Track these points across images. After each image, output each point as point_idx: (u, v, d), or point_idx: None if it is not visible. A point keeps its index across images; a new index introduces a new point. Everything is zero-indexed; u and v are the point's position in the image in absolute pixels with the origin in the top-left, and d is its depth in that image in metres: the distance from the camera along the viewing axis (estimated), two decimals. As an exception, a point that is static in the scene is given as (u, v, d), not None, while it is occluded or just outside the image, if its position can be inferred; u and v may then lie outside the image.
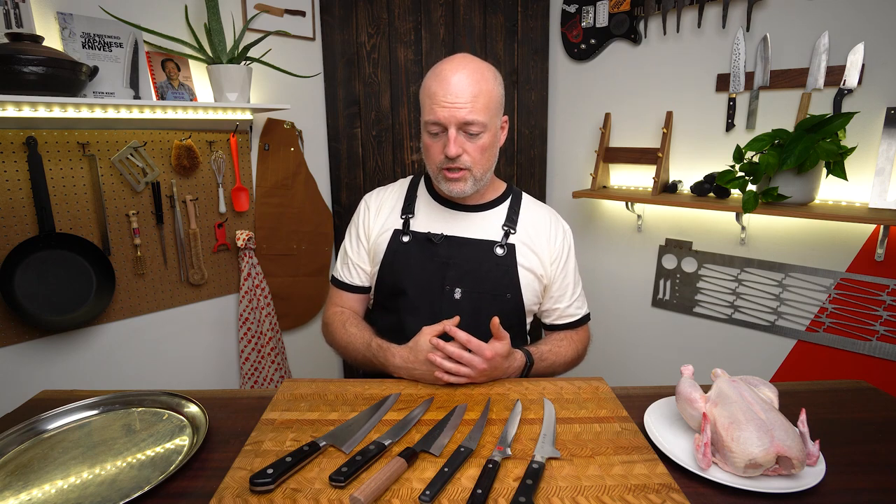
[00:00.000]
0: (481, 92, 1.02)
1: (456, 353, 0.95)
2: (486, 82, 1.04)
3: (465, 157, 1.05)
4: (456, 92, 1.00)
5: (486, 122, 1.03)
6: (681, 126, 1.96)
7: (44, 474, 0.75)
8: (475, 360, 0.95)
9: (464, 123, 1.02)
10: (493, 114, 1.06)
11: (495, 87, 1.06)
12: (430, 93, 1.04)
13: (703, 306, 1.99)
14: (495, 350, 0.96)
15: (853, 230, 1.63)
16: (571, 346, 1.18)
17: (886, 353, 1.61)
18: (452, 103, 1.01)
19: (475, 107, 1.01)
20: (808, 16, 1.64)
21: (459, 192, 1.09)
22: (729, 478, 0.71)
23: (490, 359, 0.95)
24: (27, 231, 1.46)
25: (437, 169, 1.09)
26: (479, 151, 1.05)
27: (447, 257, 1.11)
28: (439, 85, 1.02)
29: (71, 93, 1.37)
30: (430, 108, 1.03)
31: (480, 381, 0.98)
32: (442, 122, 1.02)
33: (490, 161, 1.09)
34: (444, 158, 1.05)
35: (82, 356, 1.62)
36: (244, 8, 1.85)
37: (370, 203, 1.23)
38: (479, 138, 1.04)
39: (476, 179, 1.08)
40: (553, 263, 1.17)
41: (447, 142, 1.03)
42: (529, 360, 1.07)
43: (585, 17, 2.11)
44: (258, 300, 1.96)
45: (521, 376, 1.06)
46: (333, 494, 0.68)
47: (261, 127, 1.95)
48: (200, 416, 0.87)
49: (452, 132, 1.02)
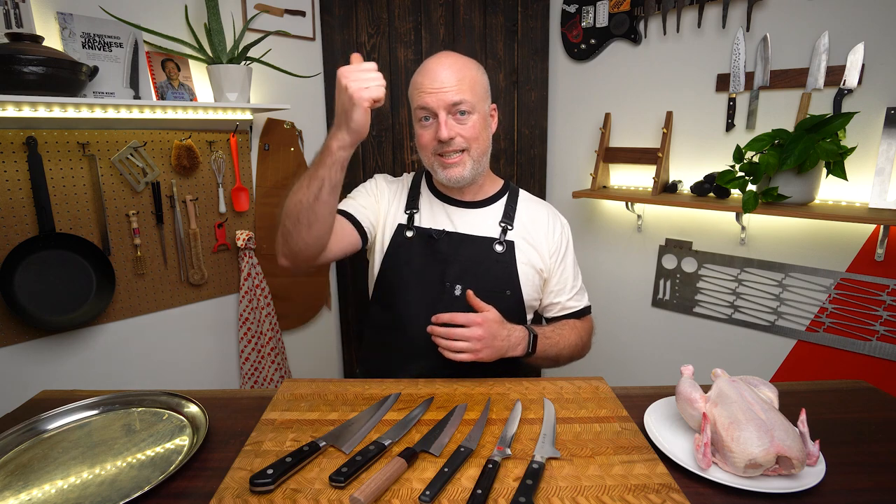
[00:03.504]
0: (465, 77, 1.05)
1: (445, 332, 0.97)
2: (469, 70, 1.07)
3: (458, 138, 1.06)
4: (441, 79, 1.04)
5: (474, 102, 1.06)
6: (681, 126, 1.96)
7: (44, 474, 0.75)
8: (468, 332, 0.96)
9: (452, 105, 1.04)
10: (480, 97, 1.08)
11: (479, 74, 1.09)
12: (416, 85, 1.08)
13: (703, 306, 1.99)
14: (485, 317, 0.99)
15: (853, 230, 1.63)
16: (574, 332, 1.18)
17: (886, 353, 1.61)
18: (439, 88, 1.04)
19: (461, 88, 1.04)
20: (808, 16, 1.64)
21: (458, 177, 1.09)
22: (729, 478, 0.71)
23: (482, 323, 0.97)
24: (27, 231, 1.46)
25: (431, 156, 1.10)
26: (471, 131, 1.07)
27: (447, 254, 1.12)
28: (424, 76, 1.06)
29: (71, 93, 1.37)
30: (418, 96, 1.07)
31: (485, 354, 0.98)
32: (430, 107, 1.05)
33: (484, 144, 1.11)
34: (437, 144, 1.07)
35: (82, 356, 1.62)
36: (244, 8, 1.85)
37: (381, 182, 1.24)
38: (469, 119, 1.07)
39: (474, 161, 1.09)
40: (552, 256, 1.17)
41: (438, 126, 1.05)
42: (532, 332, 1.07)
43: (585, 17, 2.11)
44: (258, 300, 1.96)
45: (529, 353, 1.06)
46: (333, 494, 0.68)
47: (261, 127, 1.95)
48: (200, 416, 0.87)
49: (442, 115, 1.05)
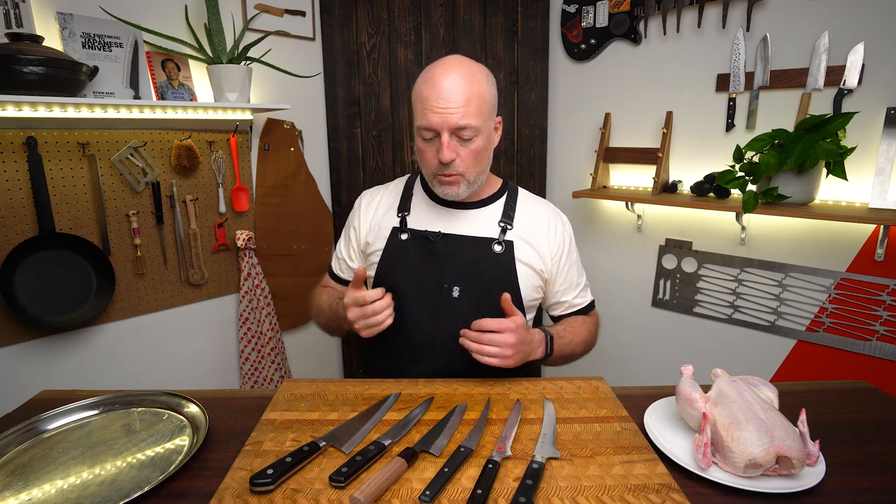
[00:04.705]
0: (473, 95, 1.01)
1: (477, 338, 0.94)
2: (479, 84, 1.02)
3: (457, 162, 1.04)
4: (448, 97, 0.99)
5: (479, 125, 1.02)
6: (681, 126, 1.96)
7: (44, 474, 0.75)
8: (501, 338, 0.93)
9: (456, 128, 1.01)
10: (486, 117, 1.05)
11: (488, 88, 1.04)
12: (421, 97, 1.03)
13: (703, 306, 1.99)
14: (517, 323, 0.96)
15: (853, 230, 1.63)
16: (584, 326, 1.18)
17: (886, 353, 1.61)
18: (445, 108, 0.99)
19: (467, 111, 1.00)
20: (808, 16, 1.64)
21: (454, 195, 1.09)
22: (729, 478, 0.71)
23: (515, 330, 0.95)
24: (27, 231, 1.46)
25: (431, 174, 1.09)
26: (472, 156, 1.05)
27: (445, 255, 1.11)
28: (431, 90, 1.01)
29: (71, 93, 1.37)
30: (423, 112, 1.03)
31: (513, 360, 0.95)
32: (434, 128, 1.01)
33: (483, 165, 1.09)
34: (438, 164, 1.04)
35: (82, 356, 1.62)
36: (244, 8, 1.85)
37: (362, 201, 1.25)
38: (472, 143, 1.03)
39: (469, 183, 1.08)
40: (554, 257, 1.16)
41: (440, 147, 1.02)
42: (548, 334, 1.06)
43: (585, 17, 2.11)
44: (258, 300, 1.96)
45: (547, 355, 1.06)
46: (333, 495, 0.68)
47: (261, 127, 1.95)
48: (200, 416, 0.87)
49: (445, 137, 1.01)
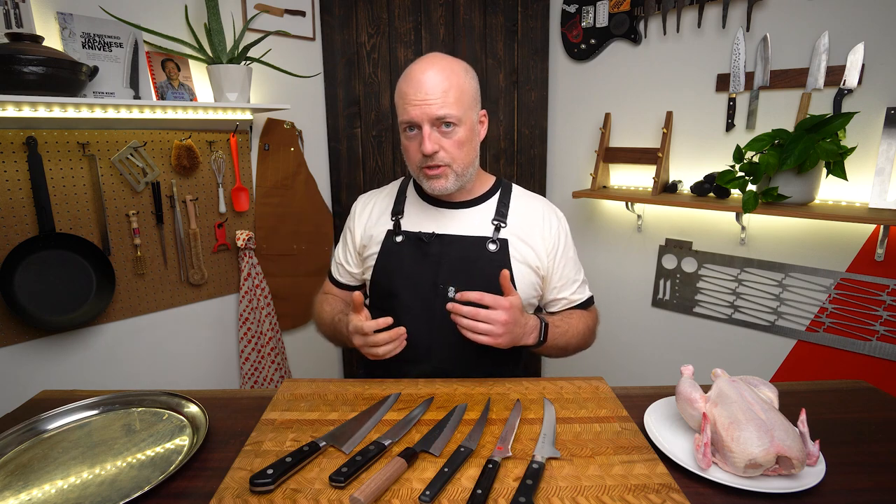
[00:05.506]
0: (451, 86, 1.02)
1: (472, 312, 0.93)
2: (456, 76, 1.03)
3: (442, 153, 1.04)
4: (426, 89, 1.01)
5: (460, 115, 1.03)
6: (681, 126, 1.96)
7: (44, 474, 0.75)
8: (494, 315, 0.93)
9: (436, 119, 1.02)
10: (467, 107, 1.05)
11: (466, 80, 1.06)
12: (401, 94, 1.05)
13: (703, 306, 1.99)
14: (512, 302, 0.95)
15: (853, 230, 1.63)
16: (581, 319, 1.17)
17: (886, 353, 1.61)
18: (423, 101, 1.01)
19: (446, 101, 1.01)
20: (808, 16, 1.64)
21: (442, 190, 1.08)
22: (729, 478, 0.71)
23: (509, 308, 0.94)
24: (27, 231, 1.46)
25: (417, 169, 1.09)
26: (456, 146, 1.05)
27: (439, 256, 1.11)
28: (409, 85, 1.03)
29: (71, 93, 1.37)
30: (403, 108, 1.04)
31: (504, 340, 0.95)
32: (415, 121, 1.03)
33: (470, 155, 1.09)
34: (422, 157, 1.05)
35: (82, 356, 1.62)
36: (244, 8, 1.85)
37: (357, 206, 1.26)
38: (455, 133, 1.04)
39: (457, 175, 1.08)
40: (550, 253, 1.16)
41: (422, 139, 1.03)
42: (543, 321, 1.06)
43: (585, 17, 2.11)
44: (258, 300, 1.96)
45: (541, 342, 1.05)
46: (333, 495, 0.68)
47: (261, 127, 1.95)
48: (200, 416, 0.87)
49: (426, 129, 1.02)
